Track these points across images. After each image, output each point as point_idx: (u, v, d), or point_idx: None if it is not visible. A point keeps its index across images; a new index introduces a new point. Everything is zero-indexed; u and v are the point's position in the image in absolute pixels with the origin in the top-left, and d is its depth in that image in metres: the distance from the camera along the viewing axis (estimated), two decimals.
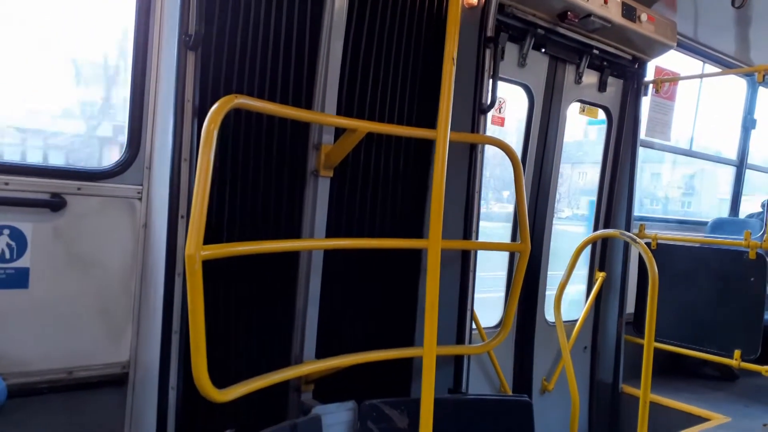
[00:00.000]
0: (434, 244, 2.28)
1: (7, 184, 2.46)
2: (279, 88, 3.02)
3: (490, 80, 3.71)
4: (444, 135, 2.30)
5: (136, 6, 2.76)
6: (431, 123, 3.68)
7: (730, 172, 7.06)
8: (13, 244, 2.50)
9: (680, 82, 5.60)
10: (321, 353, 3.29)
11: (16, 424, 2.53)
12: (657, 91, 5.36)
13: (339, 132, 3.10)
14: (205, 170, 2.18)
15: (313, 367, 3.06)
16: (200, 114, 2.59)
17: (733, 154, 6.97)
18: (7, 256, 2.49)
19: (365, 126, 2.94)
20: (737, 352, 4.67)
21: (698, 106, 6.34)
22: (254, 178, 3.00)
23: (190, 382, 2.40)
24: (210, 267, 2.83)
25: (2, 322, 2.50)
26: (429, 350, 2.23)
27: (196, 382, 2.28)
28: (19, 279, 2.52)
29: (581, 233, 5.47)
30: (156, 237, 2.69)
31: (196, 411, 2.88)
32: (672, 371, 5.65)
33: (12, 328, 2.52)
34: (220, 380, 2.46)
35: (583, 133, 5.58)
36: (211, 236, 2.78)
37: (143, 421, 2.71)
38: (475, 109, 3.67)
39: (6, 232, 2.48)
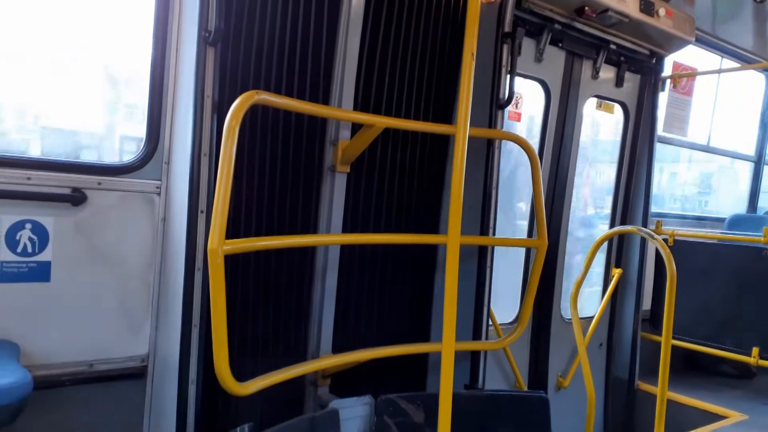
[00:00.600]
0: (453, 239, 2.27)
1: (29, 178, 2.49)
2: (296, 84, 3.03)
3: (508, 75, 3.69)
4: (464, 130, 2.28)
5: (155, 2, 2.77)
6: (448, 118, 3.67)
7: (748, 168, 6.98)
8: (35, 238, 2.53)
9: (698, 78, 5.54)
10: (338, 348, 3.30)
11: (38, 416, 2.56)
12: (674, 87, 5.30)
13: (356, 128, 3.10)
14: (228, 166, 2.19)
15: (330, 361, 3.07)
16: (220, 109, 2.61)
17: (751, 150, 6.89)
18: (30, 249, 2.52)
19: (382, 121, 2.94)
20: (755, 350, 4.62)
21: (716, 102, 6.27)
22: (271, 174, 3.01)
23: (210, 375, 2.41)
24: (229, 262, 2.86)
25: (26, 315, 2.54)
26: (448, 345, 2.23)
27: (218, 375, 2.29)
28: (42, 272, 2.55)
29: None
30: (175, 231, 2.71)
31: (215, 405, 2.90)
32: (689, 369, 5.60)
33: (35, 321, 2.55)
34: (239, 374, 2.48)
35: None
36: (229, 231, 2.80)
37: (163, 414, 2.73)
38: (492, 105, 3.65)
39: (28, 226, 2.51)
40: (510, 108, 4.39)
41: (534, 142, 4.50)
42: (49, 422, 2.61)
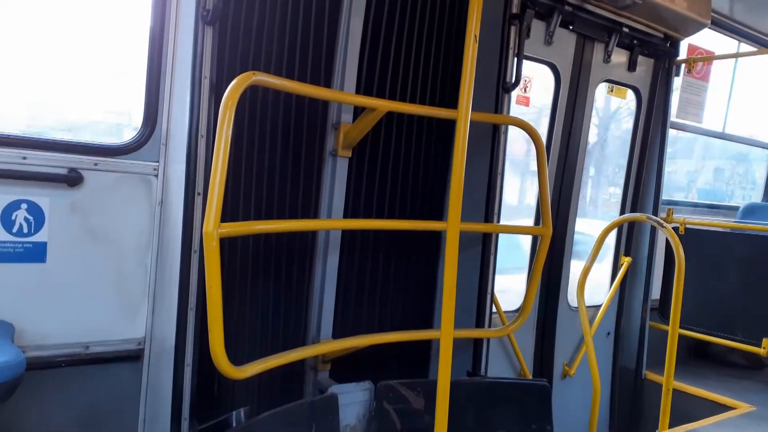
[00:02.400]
0: (453, 226, 2.23)
1: (24, 158, 2.47)
2: (297, 66, 2.98)
3: (515, 58, 3.61)
4: (465, 114, 2.23)
5: None
6: (453, 103, 3.59)
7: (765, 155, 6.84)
8: (31, 218, 2.51)
9: (714, 62, 5.40)
10: (338, 334, 3.28)
11: (34, 396, 2.57)
12: (689, 71, 5.17)
13: (358, 111, 3.05)
14: (224, 147, 2.16)
15: (330, 346, 3.05)
16: (218, 90, 2.56)
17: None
18: (25, 230, 2.51)
19: (385, 105, 2.88)
20: (765, 341, 4.55)
21: (732, 87, 6.12)
22: (271, 157, 2.97)
23: (206, 359, 2.40)
24: (227, 245, 2.83)
25: (21, 295, 2.53)
26: (446, 332, 2.19)
27: (214, 358, 2.28)
28: (37, 253, 2.54)
29: None
30: (172, 214, 2.68)
31: (212, 388, 2.90)
32: (698, 359, 5.53)
33: (30, 302, 2.55)
34: (237, 359, 2.46)
35: None
36: (227, 214, 2.77)
37: (159, 397, 2.73)
38: (498, 89, 3.58)
39: (24, 206, 2.49)
40: (519, 92, 4.31)
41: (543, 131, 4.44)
42: (44, 403, 2.62)
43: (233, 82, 2.23)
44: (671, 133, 5.10)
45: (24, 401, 2.51)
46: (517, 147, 5.17)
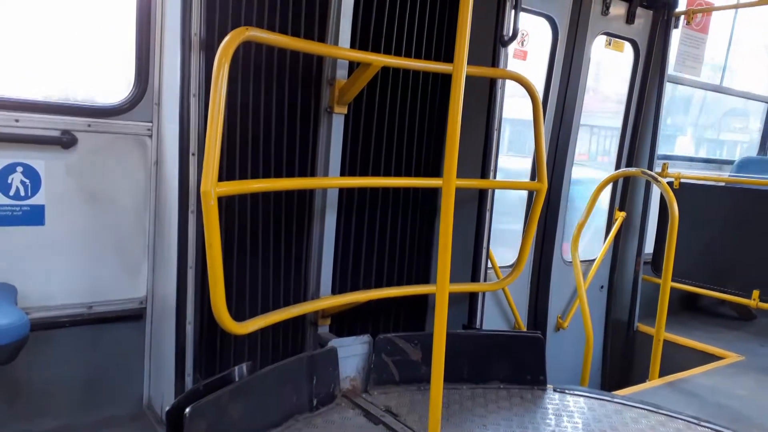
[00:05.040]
0: (448, 182, 2.23)
1: (17, 120, 2.45)
2: (290, 21, 2.92)
3: (513, 11, 3.54)
4: (460, 68, 2.20)
5: None
6: (450, 57, 3.55)
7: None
8: (27, 181, 2.51)
9: (713, 14, 5.32)
10: (337, 290, 3.32)
11: (39, 356, 2.62)
12: (688, 23, 5.10)
13: (353, 67, 3.01)
14: (218, 106, 2.14)
15: (329, 301, 3.10)
16: (208, 48, 2.53)
17: (765, 91, 6.70)
18: (22, 193, 2.51)
19: (379, 60, 2.84)
20: (756, 292, 4.63)
21: (731, 40, 6.05)
22: (266, 115, 2.95)
23: (207, 316, 2.44)
24: (224, 203, 2.84)
25: (22, 258, 2.55)
26: (442, 287, 2.22)
27: (215, 315, 2.31)
28: (35, 216, 2.55)
29: None
30: (168, 174, 2.68)
31: (213, 345, 2.95)
32: (689, 311, 5.64)
33: (31, 265, 2.57)
34: (238, 316, 2.50)
35: None
36: (223, 173, 2.77)
37: (162, 355, 2.78)
38: (495, 42, 3.53)
39: (19, 169, 2.49)
40: (516, 46, 4.25)
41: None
42: (49, 363, 2.68)
43: (226, 38, 2.19)
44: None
45: (30, 362, 2.56)
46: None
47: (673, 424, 2.95)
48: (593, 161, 5.67)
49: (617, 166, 5.06)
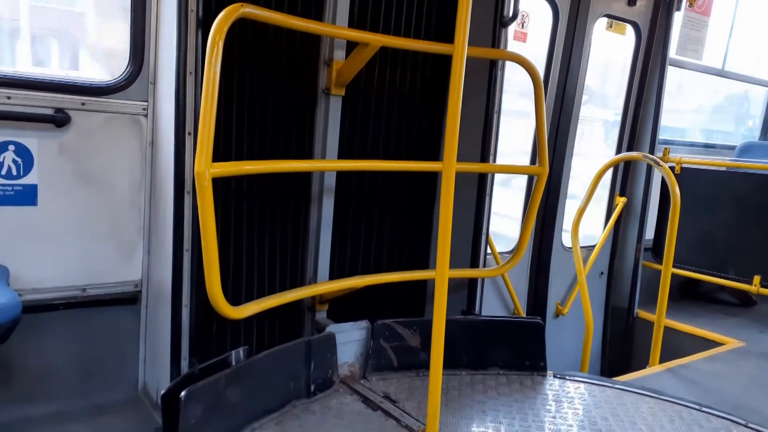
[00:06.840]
0: (448, 166, 2.19)
1: (9, 98, 2.40)
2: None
3: None
4: (461, 49, 2.15)
5: None
6: (450, 38, 3.49)
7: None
8: (19, 160, 2.46)
9: None
10: (335, 275, 3.29)
11: (32, 338, 2.59)
12: (691, 5, 5.03)
13: (351, 47, 2.95)
14: (212, 84, 2.09)
15: (326, 287, 3.06)
16: (204, 25, 2.47)
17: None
18: (15, 172, 2.46)
19: (378, 39, 2.78)
20: (757, 278, 4.62)
21: (734, 23, 5.98)
22: (262, 96, 2.90)
23: (203, 300, 2.40)
24: (220, 186, 2.79)
25: (14, 238, 2.51)
26: (441, 272, 2.19)
27: (210, 299, 2.28)
28: (28, 196, 2.50)
29: None
30: (163, 154, 2.63)
31: (209, 329, 2.92)
32: (690, 297, 5.62)
33: (23, 246, 2.53)
34: (235, 300, 2.46)
35: None
36: (219, 155, 2.72)
37: (157, 339, 2.75)
38: (495, 23, 3.46)
39: (11, 148, 2.44)
40: (516, 28, 4.19)
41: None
42: (45, 345, 2.64)
43: (221, 15, 2.14)
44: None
45: (23, 345, 2.53)
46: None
47: (674, 409, 2.93)
48: None
49: (618, 151, 5.01)
